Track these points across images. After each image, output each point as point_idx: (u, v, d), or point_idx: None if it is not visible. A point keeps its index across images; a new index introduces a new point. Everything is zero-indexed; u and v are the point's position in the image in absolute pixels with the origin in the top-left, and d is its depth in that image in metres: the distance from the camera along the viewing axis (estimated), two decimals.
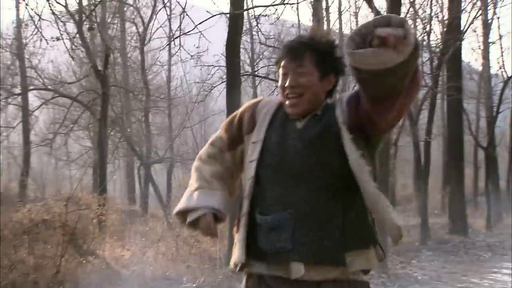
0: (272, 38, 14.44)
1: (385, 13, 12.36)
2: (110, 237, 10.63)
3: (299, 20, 18.21)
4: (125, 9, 18.74)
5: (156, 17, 17.72)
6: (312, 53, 2.49)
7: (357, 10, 19.89)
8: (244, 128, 2.62)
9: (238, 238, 2.54)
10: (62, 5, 13.63)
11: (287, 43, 2.61)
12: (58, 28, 13.19)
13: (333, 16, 22.32)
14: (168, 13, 14.72)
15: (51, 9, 12.71)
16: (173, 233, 10.86)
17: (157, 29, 18.78)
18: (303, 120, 2.52)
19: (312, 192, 2.42)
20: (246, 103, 2.73)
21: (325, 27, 16.98)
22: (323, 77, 2.52)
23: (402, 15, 13.32)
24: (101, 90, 14.01)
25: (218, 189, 2.67)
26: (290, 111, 2.53)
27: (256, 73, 16.94)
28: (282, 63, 2.54)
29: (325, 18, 17.09)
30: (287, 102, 2.52)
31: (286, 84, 2.50)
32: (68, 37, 13.82)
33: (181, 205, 2.66)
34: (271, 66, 15.28)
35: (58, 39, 12.90)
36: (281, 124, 2.54)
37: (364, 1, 10.86)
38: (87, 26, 14.27)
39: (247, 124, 2.61)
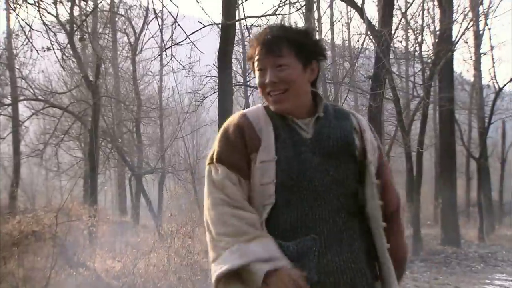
0: None
1: (377, 24, 12.38)
2: (101, 249, 10.57)
3: None
4: (116, 19, 18.69)
5: (147, 27, 17.69)
6: (289, 43, 2.28)
7: (349, 21, 19.92)
8: (249, 146, 2.25)
9: None
10: (53, 15, 13.58)
11: (258, 36, 2.35)
12: (49, 38, 13.12)
13: (325, 26, 22.42)
14: (160, 24, 14.66)
15: (42, 20, 12.64)
16: (164, 244, 10.77)
17: (149, 39, 18.80)
18: (305, 125, 2.29)
19: (333, 213, 2.21)
20: (230, 121, 2.34)
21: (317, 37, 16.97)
22: (306, 67, 2.32)
23: (394, 26, 13.33)
24: (92, 100, 13.98)
25: (254, 236, 2.17)
26: (275, 108, 2.31)
27: (248, 83, 16.90)
28: (257, 57, 2.32)
29: (317, 29, 17.09)
30: (270, 99, 2.32)
31: (267, 81, 2.29)
32: (59, 47, 13.73)
33: (221, 269, 2.15)
34: None
35: (48, 49, 12.83)
36: (286, 135, 2.28)
37: (356, 12, 10.87)
38: (78, 36, 14.21)
39: (251, 141, 2.26)
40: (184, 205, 24.51)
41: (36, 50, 12.63)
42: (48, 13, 13.32)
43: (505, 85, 19.66)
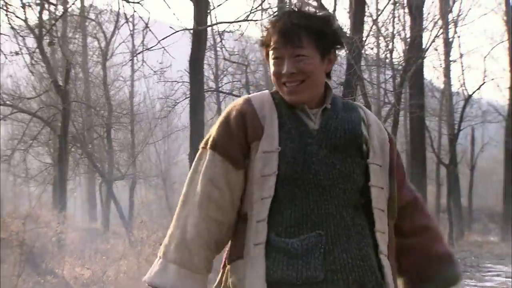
0: (236, 54, 14.44)
1: (348, 31, 12.45)
2: (70, 256, 10.48)
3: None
4: (87, 23, 18.55)
5: (118, 32, 17.65)
6: (308, 32, 2.14)
7: None
8: (250, 134, 2.14)
9: (251, 273, 2.07)
10: (22, 19, 13.41)
11: (275, 22, 2.20)
12: (17, 43, 12.99)
13: None
14: (131, 28, 14.69)
15: (10, 24, 12.49)
16: (135, 251, 10.71)
17: (120, 44, 18.73)
18: (313, 115, 2.17)
19: (340, 208, 2.10)
20: (234, 106, 2.23)
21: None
22: (324, 57, 2.18)
23: (365, 33, 13.41)
24: (61, 105, 13.86)
25: (201, 271, 2.13)
26: (290, 99, 2.17)
27: (220, 89, 16.89)
28: (273, 46, 2.17)
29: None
30: (284, 89, 2.17)
31: (284, 71, 2.14)
32: (27, 52, 13.60)
33: (153, 278, 2.14)
34: (235, 82, 15.27)
35: (17, 53, 12.69)
36: (291, 124, 2.16)
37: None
38: (47, 40, 14.06)
39: (252, 129, 2.14)
40: (155, 211, 24.46)
41: (4, 54, 12.48)
42: (17, 17, 13.12)
43: (474, 92, 19.97)
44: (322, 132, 2.13)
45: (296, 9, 2.24)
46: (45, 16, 14.73)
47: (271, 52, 2.18)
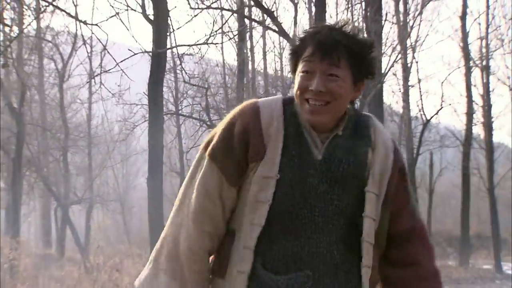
0: (196, 77, 14.35)
1: None
2: (22, 283, 10.31)
3: (223, 59, 18.17)
4: (43, 45, 18.33)
5: (76, 53, 17.47)
6: (349, 54, 1.99)
7: (282, 51, 20.07)
8: (251, 154, 2.00)
9: None
10: None
11: (314, 33, 2.03)
12: None
13: (258, 56, 22.52)
14: (89, 50, 14.47)
15: None
16: (90, 277, 10.53)
17: (77, 66, 18.54)
18: (320, 142, 2.03)
19: (331, 246, 2.00)
20: (240, 113, 2.06)
21: (250, 67, 17.03)
22: (356, 84, 2.04)
23: None
24: (16, 128, 13.57)
25: (193, 284, 2.03)
26: (309, 118, 2.01)
27: (180, 112, 16.76)
28: (307, 58, 2.00)
29: (249, 58, 17.13)
30: (306, 106, 2.00)
31: (313, 87, 1.97)
32: None
33: (143, 284, 2.07)
34: (195, 105, 15.16)
35: None
36: (295, 150, 2.01)
37: (288, 43, 10.89)
38: (2, 62, 13.80)
39: (254, 149, 2.00)
40: (112, 236, 24.12)
41: None
42: None
43: (432, 117, 20.17)
44: (325, 163, 2.00)
45: (339, 26, 2.04)
46: (0, 37, 14.48)
47: (301, 64, 2.02)
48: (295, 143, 2.01)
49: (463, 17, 21.03)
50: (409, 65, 20.52)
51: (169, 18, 10.30)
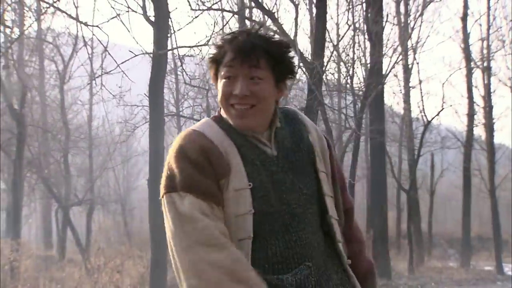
0: (197, 79, 14.32)
1: (309, 56, 12.46)
2: (23, 285, 10.29)
3: None
4: (44, 46, 18.30)
5: (77, 55, 17.43)
6: (268, 55, 2.02)
7: None
8: (218, 172, 1.97)
9: None
10: None
11: (231, 39, 2.05)
12: None
13: None
14: (89, 52, 14.44)
15: None
16: (91, 279, 10.51)
17: (78, 67, 18.48)
18: (266, 140, 2.06)
19: (315, 235, 2.04)
20: (186, 140, 2.01)
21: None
22: (278, 84, 2.07)
23: (326, 58, 13.43)
24: (16, 129, 13.54)
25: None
26: (237, 123, 2.04)
27: (181, 113, 16.74)
28: (228, 63, 2.03)
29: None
30: (232, 112, 2.03)
31: (236, 92, 2.00)
32: None
33: None
34: (196, 107, 15.14)
35: None
36: (253, 155, 2.03)
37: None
38: (2, 64, 13.80)
39: (218, 166, 1.98)
40: (113, 237, 24.05)
41: None
42: None
43: (433, 118, 20.12)
44: (282, 157, 2.06)
45: (254, 30, 2.09)
46: (0, 38, 14.47)
47: (223, 70, 2.03)
48: (247, 149, 2.03)
49: (464, 18, 21.01)
50: (410, 66, 20.55)
51: (169, 19, 10.28)
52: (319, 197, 2.09)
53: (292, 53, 2.11)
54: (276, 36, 2.12)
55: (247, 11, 14.10)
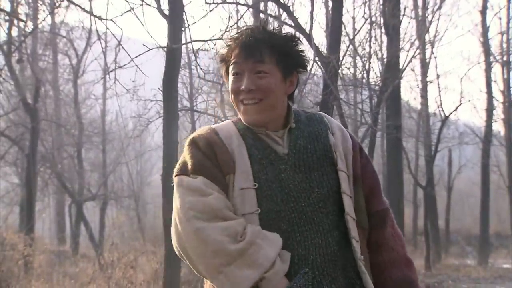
0: (211, 73, 14.19)
1: (325, 50, 12.28)
2: (37, 280, 10.26)
3: None
4: (57, 40, 18.30)
5: (90, 49, 17.41)
6: (272, 49, 2.06)
7: None
8: (223, 167, 2.04)
9: None
10: None
11: (237, 37, 2.10)
12: None
13: None
14: (103, 46, 14.35)
15: None
16: (105, 274, 10.51)
17: (92, 61, 18.53)
18: (279, 138, 2.09)
19: (326, 235, 2.02)
20: (198, 134, 2.12)
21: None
22: (286, 78, 2.10)
23: (342, 53, 13.26)
24: (30, 124, 13.52)
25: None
26: (247, 119, 2.10)
27: (195, 108, 16.63)
28: (234, 60, 2.08)
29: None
30: (242, 108, 2.10)
31: (243, 87, 2.06)
32: None
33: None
34: (210, 101, 15.03)
35: None
36: (261, 154, 2.06)
37: (304, 38, 10.73)
38: (16, 58, 13.77)
39: (223, 162, 2.04)
40: (126, 233, 24.07)
41: None
42: None
43: (450, 113, 19.87)
44: (293, 154, 2.05)
45: (260, 26, 2.13)
46: (14, 32, 14.46)
47: (230, 67, 2.09)
48: (257, 148, 2.07)
49: (483, 12, 20.74)
50: (427, 60, 20.31)
51: (184, 13, 10.17)
52: (339, 197, 2.06)
53: (301, 46, 2.13)
54: (291, 29, 2.12)
55: (262, 4, 13.94)
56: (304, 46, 2.32)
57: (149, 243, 15.88)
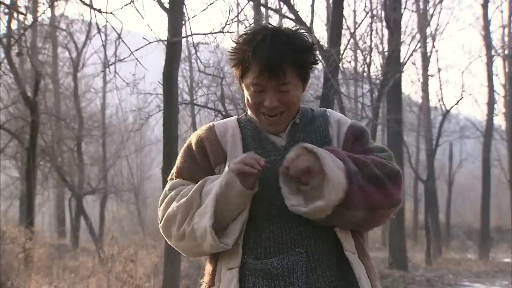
0: (211, 66, 14.16)
1: (325, 44, 12.23)
2: (37, 273, 10.29)
3: None
4: (57, 33, 18.25)
5: (90, 42, 17.34)
6: (294, 65, 2.05)
7: None
8: (212, 159, 2.12)
9: None
10: None
11: (255, 48, 2.04)
12: None
13: None
14: (103, 39, 14.28)
15: None
16: (104, 268, 10.49)
17: (91, 55, 18.47)
18: (282, 133, 2.14)
19: (318, 227, 2.04)
20: (195, 134, 2.20)
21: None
22: (304, 83, 2.14)
23: (343, 46, 13.22)
24: (30, 117, 13.49)
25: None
26: (269, 129, 2.13)
27: (195, 101, 16.59)
28: (256, 80, 2.05)
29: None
30: (263, 119, 2.12)
31: (266, 104, 2.07)
32: None
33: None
34: (210, 95, 14.99)
35: None
36: (256, 145, 2.12)
37: (305, 31, 10.70)
38: (16, 51, 13.71)
39: (213, 154, 2.12)
40: (126, 227, 24.09)
41: None
42: None
43: (452, 107, 19.89)
44: (290, 146, 2.05)
45: (274, 29, 2.11)
46: (14, 25, 14.40)
47: (251, 84, 2.07)
48: (254, 140, 2.12)
49: (485, 5, 20.71)
50: (428, 54, 20.30)
51: (184, 6, 10.12)
52: None
53: (314, 47, 2.14)
54: (301, 30, 2.13)
55: None
56: None
57: (149, 237, 15.89)
